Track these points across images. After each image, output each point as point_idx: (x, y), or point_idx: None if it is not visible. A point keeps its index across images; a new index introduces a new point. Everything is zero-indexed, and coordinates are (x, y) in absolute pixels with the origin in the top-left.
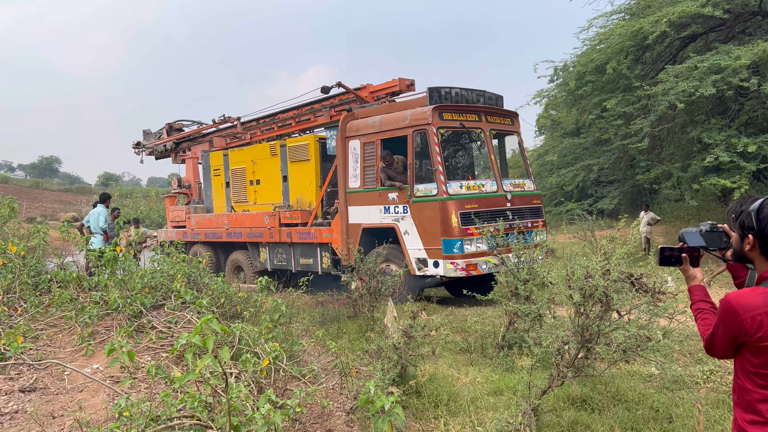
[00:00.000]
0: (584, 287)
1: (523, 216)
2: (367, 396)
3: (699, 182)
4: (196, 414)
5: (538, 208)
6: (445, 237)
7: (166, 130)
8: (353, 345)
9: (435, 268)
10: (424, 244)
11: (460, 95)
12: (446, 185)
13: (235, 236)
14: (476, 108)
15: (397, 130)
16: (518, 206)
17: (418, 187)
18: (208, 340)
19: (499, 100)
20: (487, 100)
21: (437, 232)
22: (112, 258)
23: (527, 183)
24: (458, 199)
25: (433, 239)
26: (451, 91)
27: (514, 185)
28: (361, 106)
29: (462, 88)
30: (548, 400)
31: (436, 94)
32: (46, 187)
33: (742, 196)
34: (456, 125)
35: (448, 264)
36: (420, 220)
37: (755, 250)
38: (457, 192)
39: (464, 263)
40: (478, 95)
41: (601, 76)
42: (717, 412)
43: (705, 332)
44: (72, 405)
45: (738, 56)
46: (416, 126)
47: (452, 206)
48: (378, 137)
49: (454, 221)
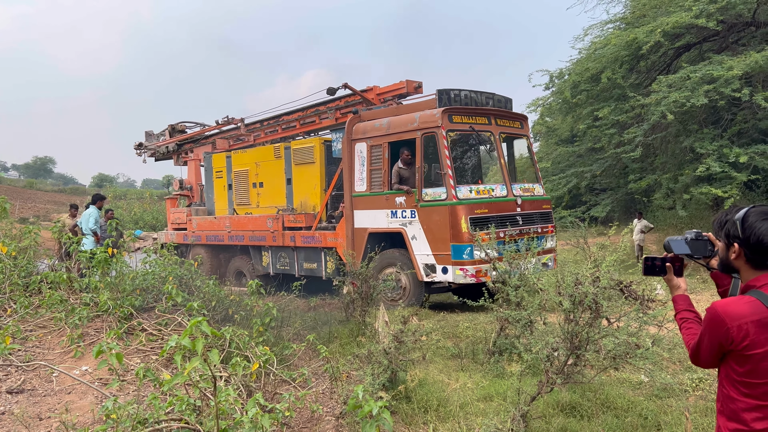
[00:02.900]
0: (574, 294)
1: (533, 221)
2: (355, 401)
3: (689, 191)
4: (184, 417)
5: (548, 213)
6: (455, 242)
7: (168, 131)
8: (344, 349)
9: (444, 274)
10: (432, 250)
11: (469, 98)
12: (456, 189)
13: (237, 239)
14: (486, 111)
15: (405, 133)
16: (528, 211)
17: (427, 191)
18: (198, 342)
19: (509, 103)
20: (497, 102)
21: (446, 237)
22: (102, 259)
23: (537, 187)
24: (468, 204)
25: (441, 245)
26: (460, 93)
27: (524, 189)
28: (367, 108)
29: (471, 91)
30: (538, 406)
31: (445, 97)
32: (39, 188)
33: (731, 206)
34: (466, 128)
35: (458, 270)
36: (428, 225)
37: (740, 259)
38: (466, 196)
39: (474, 269)
40: (488, 98)
41: (595, 85)
42: (705, 420)
43: (690, 341)
44: (59, 407)
45: (730, 67)
46: (425, 129)
47: (462, 211)
48: (385, 140)
49: (464, 226)
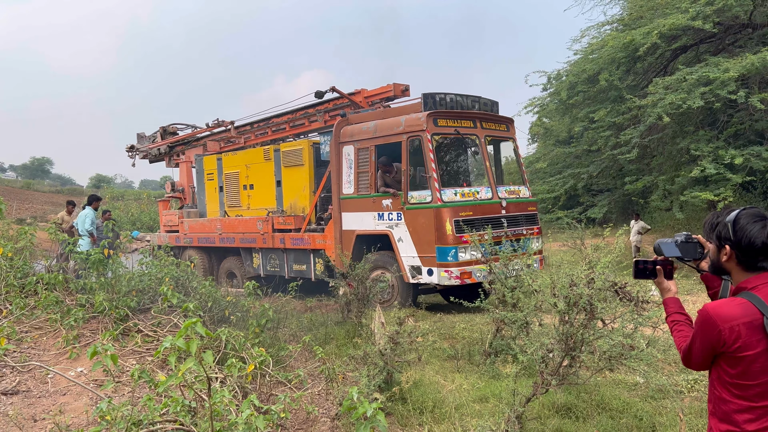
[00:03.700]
0: (569, 295)
1: (518, 223)
2: (350, 402)
3: (683, 194)
4: (178, 418)
5: (534, 215)
6: (440, 245)
7: (160, 133)
8: (340, 351)
9: (429, 276)
10: (418, 252)
11: (455, 101)
12: (441, 192)
13: (228, 241)
14: (471, 114)
15: (391, 136)
16: (513, 213)
17: (413, 194)
18: (192, 343)
19: (495, 106)
20: (482, 106)
21: (431, 239)
22: (98, 260)
23: (522, 189)
24: (453, 207)
25: (427, 247)
26: (446, 97)
27: (510, 192)
28: (355, 111)
29: (457, 94)
30: (533, 407)
31: (430, 100)
32: (37, 189)
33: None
34: (451, 131)
35: (443, 272)
36: (414, 228)
37: (732, 261)
38: (451, 199)
39: (459, 271)
40: (473, 101)
41: (592, 86)
42: (700, 421)
43: (681, 344)
44: (54, 408)
45: (727, 69)
46: (411, 132)
47: (447, 213)
48: (372, 143)
49: (449, 229)
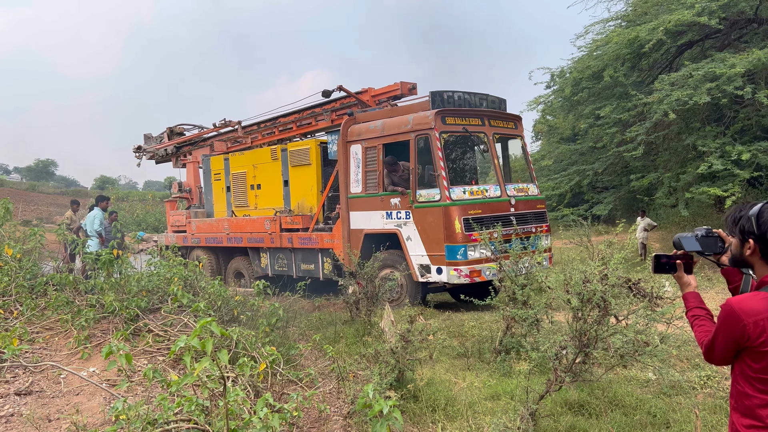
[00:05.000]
0: (582, 292)
1: (527, 221)
2: (365, 400)
3: (691, 191)
4: (193, 418)
5: (542, 213)
6: (449, 243)
7: (167, 134)
8: (350, 349)
9: (438, 274)
10: (427, 251)
11: (462, 99)
12: (449, 190)
13: (236, 241)
14: (479, 112)
15: (399, 135)
16: (522, 211)
17: (421, 193)
18: (207, 343)
19: (502, 104)
20: (490, 103)
21: (440, 238)
22: (108, 261)
23: (531, 187)
24: (462, 205)
25: (436, 245)
26: (453, 94)
27: (518, 190)
28: (362, 110)
29: (465, 92)
30: (546, 404)
31: (438, 98)
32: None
33: (742, 202)
34: (459, 130)
35: (452, 270)
36: (423, 226)
37: (755, 255)
38: (460, 197)
39: (468, 270)
40: (481, 99)
41: (597, 82)
42: (714, 418)
43: (703, 339)
44: (68, 408)
45: (733, 64)
46: (418, 130)
47: (455, 212)
48: (380, 142)
49: (458, 227)
